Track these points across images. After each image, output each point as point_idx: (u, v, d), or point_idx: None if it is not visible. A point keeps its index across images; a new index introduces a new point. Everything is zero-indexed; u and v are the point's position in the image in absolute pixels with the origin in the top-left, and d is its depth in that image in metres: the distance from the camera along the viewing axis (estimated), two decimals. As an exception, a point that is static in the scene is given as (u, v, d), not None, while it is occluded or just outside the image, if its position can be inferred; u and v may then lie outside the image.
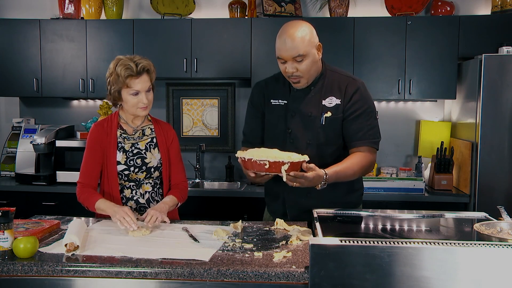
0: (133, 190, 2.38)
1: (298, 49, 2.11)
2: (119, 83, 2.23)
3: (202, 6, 4.19)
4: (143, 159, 2.36)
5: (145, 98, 2.26)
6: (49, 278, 1.68)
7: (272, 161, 1.87)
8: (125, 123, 2.39)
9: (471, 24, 3.63)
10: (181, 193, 2.41)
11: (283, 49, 2.13)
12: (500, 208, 1.93)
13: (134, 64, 2.22)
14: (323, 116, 2.22)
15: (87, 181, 2.32)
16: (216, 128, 4.26)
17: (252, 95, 2.42)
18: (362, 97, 2.22)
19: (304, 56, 2.12)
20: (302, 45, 2.11)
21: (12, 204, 3.43)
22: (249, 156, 1.92)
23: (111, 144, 2.32)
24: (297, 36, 2.11)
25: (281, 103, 2.29)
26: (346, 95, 2.21)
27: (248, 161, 1.93)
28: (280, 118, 2.29)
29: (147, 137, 2.40)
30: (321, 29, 3.72)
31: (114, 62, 2.27)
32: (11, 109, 4.41)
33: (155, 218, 2.14)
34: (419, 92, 3.71)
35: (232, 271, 1.63)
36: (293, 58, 2.13)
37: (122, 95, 2.27)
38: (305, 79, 2.19)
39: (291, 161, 1.88)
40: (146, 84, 2.27)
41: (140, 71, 2.23)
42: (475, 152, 3.39)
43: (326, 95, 2.23)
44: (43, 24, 3.95)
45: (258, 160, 1.89)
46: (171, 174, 2.43)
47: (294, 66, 2.14)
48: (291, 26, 2.16)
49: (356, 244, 1.57)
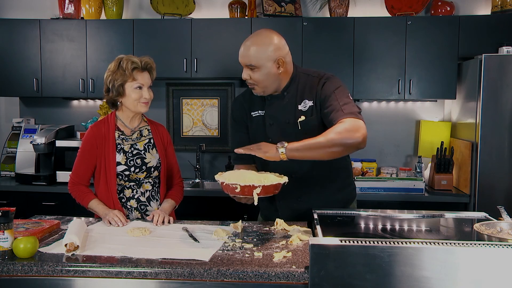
0: (134, 189, 2.41)
1: (249, 59, 2.11)
2: (124, 77, 2.29)
3: (202, 6, 4.19)
4: (143, 159, 2.39)
5: (147, 93, 2.33)
6: (49, 278, 1.68)
7: (243, 185, 1.88)
8: (122, 124, 2.42)
9: (471, 24, 3.63)
10: (177, 194, 2.50)
11: (240, 54, 2.15)
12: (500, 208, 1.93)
13: (139, 60, 2.33)
14: (298, 121, 2.18)
15: (79, 180, 2.40)
16: (216, 128, 4.26)
17: (232, 111, 2.42)
18: (329, 86, 2.13)
19: (256, 67, 2.11)
20: (254, 57, 2.10)
21: (12, 204, 3.43)
22: (221, 180, 1.94)
23: (109, 146, 2.35)
24: (252, 47, 2.10)
25: (261, 113, 2.28)
26: (317, 93, 2.16)
27: (221, 184, 1.95)
28: (259, 128, 2.28)
29: (145, 138, 2.44)
30: (321, 29, 3.75)
31: (117, 60, 2.34)
32: (11, 109, 4.41)
33: (162, 217, 2.23)
34: (419, 92, 3.71)
35: (232, 271, 1.63)
36: (246, 66, 2.13)
37: (126, 89, 2.31)
38: (260, 88, 2.17)
39: (262, 185, 1.88)
40: (148, 81, 2.36)
41: (144, 66, 2.34)
42: (475, 152, 3.39)
43: (300, 99, 2.19)
44: (43, 24, 3.94)
45: (230, 184, 1.90)
46: (168, 175, 2.51)
47: (247, 73, 2.14)
48: (254, 35, 2.17)
49: (356, 244, 1.57)
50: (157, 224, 2.20)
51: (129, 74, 2.29)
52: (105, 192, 2.35)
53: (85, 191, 2.39)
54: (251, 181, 1.89)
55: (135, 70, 2.30)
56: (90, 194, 2.38)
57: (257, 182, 1.88)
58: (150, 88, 2.36)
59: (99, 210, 2.31)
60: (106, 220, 2.22)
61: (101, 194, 2.36)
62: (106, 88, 2.34)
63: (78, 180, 2.39)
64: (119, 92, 2.31)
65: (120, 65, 2.31)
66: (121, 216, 2.23)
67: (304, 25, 3.74)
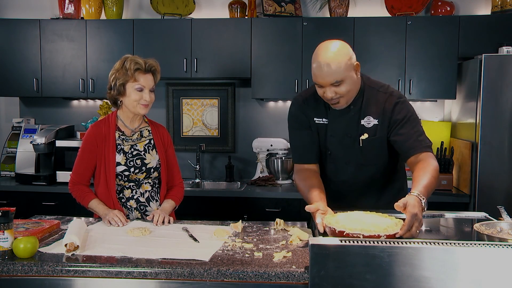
0: (133, 190, 2.41)
1: (334, 76, 1.98)
2: (126, 77, 2.29)
3: (202, 6, 4.19)
4: (143, 160, 2.39)
5: (148, 96, 2.32)
6: (49, 278, 1.68)
7: (367, 234, 1.69)
8: (123, 124, 2.42)
9: (471, 24, 3.63)
10: (177, 195, 2.50)
11: (319, 75, 2.00)
12: (500, 208, 1.94)
13: (143, 61, 2.33)
14: (360, 138, 2.14)
15: (79, 179, 2.40)
16: (216, 128, 4.26)
17: (292, 112, 2.28)
18: (402, 108, 2.11)
19: (341, 81, 2.00)
20: (338, 72, 1.98)
21: (12, 204, 3.43)
22: (340, 228, 1.73)
23: (109, 146, 2.35)
24: (332, 64, 1.97)
25: (324, 121, 2.19)
26: (385, 113, 2.11)
27: (339, 232, 1.73)
28: (321, 136, 2.21)
29: (145, 139, 2.44)
30: (321, 29, 3.75)
31: (122, 59, 2.35)
32: (11, 109, 4.41)
33: (162, 217, 2.23)
34: (419, 92, 3.71)
35: (232, 271, 1.63)
36: (330, 84, 2.01)
37: (127, 89, 2.31)
38: (345, 99, 2.07)
39: (387, 234, 1.71)
40: (151, 83, 2.35)
41: (148, 69, 2.33)
42: (475, 152, 3.39)
43: (364, 114, 2.13)
44: (43, 24, 3.94)
45: (351, 233, 1.71)
46: (168, 176, 2.50)
47: (332, 91, 2.02)
48: (327, 49, 2.02)
49: (356, 244, 1.57)
50: (157, 224, 2.20)
51: (131, 74, 2.29)
52: (105, 192, 2.35)
53: (86, 190, 2.39)
54: (369, 226, 1.74)
55: (137, 71, 2.30)
56: (91, 194, 2.38)
57: (383, 231, 1.72)
58: (152, 91, 2.35)
59: (99, 210, 2.31)
60: (106, 220, 2.22)
61: (101, 194, 2.36)
62: (109, 86, 2.35)
63: (78, 180, 2.39)
64: (120, 91, 2.31)
65: (124, 65, 2.31)
66: (121, 216, 2.23)
67: (304, 25, 3.74)
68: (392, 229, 1.74)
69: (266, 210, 3.56)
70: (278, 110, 4.19)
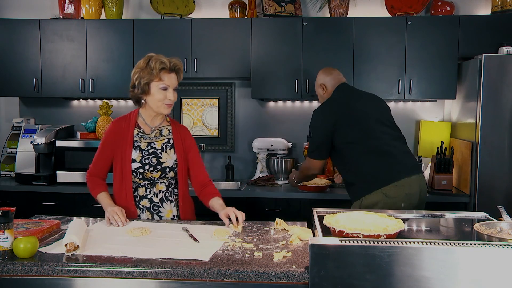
0: (147, 188, 2.40)
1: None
2: (151, 76, 2.28)
3: (202, 6, 4.19)
4: (158, 158, 2.38)
5: (172, 95, 2.32)
6: (49, 278, 1.68)
7: (367, 234, 1.72)
8: (143, 122, 2.42)
9: (471, 24, 3.63)
10: (217, 192, 2.44)
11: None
12: (500, 208, 1.93)
13: (168, 60, 2.31)
14: None
15: (96, 172, 2.44)
16: (216, 128, 4.26)
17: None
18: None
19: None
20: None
21: (12, 204, 3.43)
22: (340, 228, 1.76)
23: (127, 142, 2.36)
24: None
25: None
26: None
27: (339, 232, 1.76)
28: None
29: (164, 138, 2.42)
30: (321, 29, 3.75)
31: (146, 58, 2.33)
32: (11, 109, 4.41)
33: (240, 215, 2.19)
34: (419, 92, 3.71)
35: (232, 271, 1.63)
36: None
37: (151, 88, 2.31)
38: None
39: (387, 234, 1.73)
40: (175, 82, 2.35)
41: (172, 68, 2.33)
42: (475, 152, 3.39)
43: None
44: (43, 24, 3.95)
45: (351, 233, 1.74)
46: (197, 175, 2.46)
47: None
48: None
49: (356, 244, 1.57)
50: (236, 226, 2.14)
51: (156, 73, 2.28)
52: (120, 188, 2.36)
53: (99, 182, 2.42)
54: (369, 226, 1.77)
55: (162, 70, 2.29)
56: (102, 186, 2.40)
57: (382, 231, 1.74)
58: (175, 91, 2.35)
59: (103, 204, 2.32)
60: (107, 217, 2.23)
61: (117, 189, 2.38)
62: (132, 84, 2.34)
63: (95, 172, 2.43)
64: (144, 90, 2.31)
65: (148, 64, 2.30)
66: (121, 215, 2.21)
67: (304, 25, 3.74)
68: (392, 229, 1.75)
69: (266, 210, 3.56)
70: (278, 110, 4.19)
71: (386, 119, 2.90)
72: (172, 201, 2.43)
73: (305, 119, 3.53)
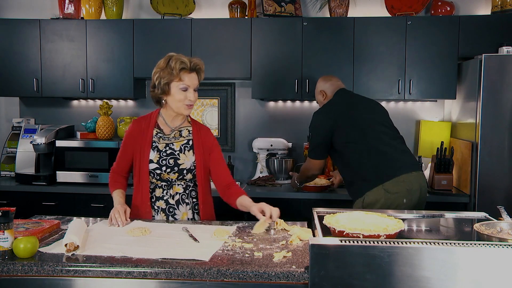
0: (164, 190, 2.38)
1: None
2: (171, 76, 2.25)
3: (202, 6, 4.19)
4: (176, 160, 2.35)
5: (192, 96, 2.29)
6: (49, 278, 1.68)
7: (366, 234, 1.72)
8: (163, 122, 2.40)
9: (471, 24, 3.63)
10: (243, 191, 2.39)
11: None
12: (500, 208, 1.93)
13: (188, 60, 2.28)
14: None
15: (118, 170, 2.46)
16: (216, 128, 4.26)
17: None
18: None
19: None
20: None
21: (12, 204, 3.43)
22: (340, 228, 1.76)
23: (145, 142, 2.35)
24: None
25: None
26: None
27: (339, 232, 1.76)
28: None
29: (184, 139, 2.39)
30: (321, 29, 3.75)
31: (166, 58, 2.30)
32: (11, 109, 4.41)
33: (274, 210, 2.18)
34: (419, 92, 3.71)
35: (232, 271, 1.63)
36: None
37: (171, 88, 2.28)
38: None
39: (387, 234, 1.74)
40: (195, 82, 2.32)
41: (193, 68, 2.29)
42: (475, 152, 3.39)
43: None
44: (43, 24, 3.94)
45: (351, 233, 1.74)
46: (219, 176, 2.41)
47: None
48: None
49: (356, 244, 1.57)
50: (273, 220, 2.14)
51: (176, 74, 2.25)
52: (138, 188, 2.37)
53: (117, 180, 2.44)
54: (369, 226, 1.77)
55: (183, 70, 2.26)
56: (118, 184, 2.42)
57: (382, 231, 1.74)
58: (196, 91, 2.32)
59: (114, 202, 2.34)
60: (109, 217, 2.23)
61: (135, 188, 2.38)
62: (153, 84, 2.31)
63: (117, 170, 2.46)
64: (164, 90, 2.28)
65: (168, 64, 2.26)
66: (122, 215, 2.20)
67: (304, 25, 3.74)
68: (392, 229, 1.75)
69: (266, 210, 3.56)
70: (278, 110, 4.19)
71: (384, 121, 2.99)
72: (188, 204, 2.39)
73: (305, 119, 3.54)
